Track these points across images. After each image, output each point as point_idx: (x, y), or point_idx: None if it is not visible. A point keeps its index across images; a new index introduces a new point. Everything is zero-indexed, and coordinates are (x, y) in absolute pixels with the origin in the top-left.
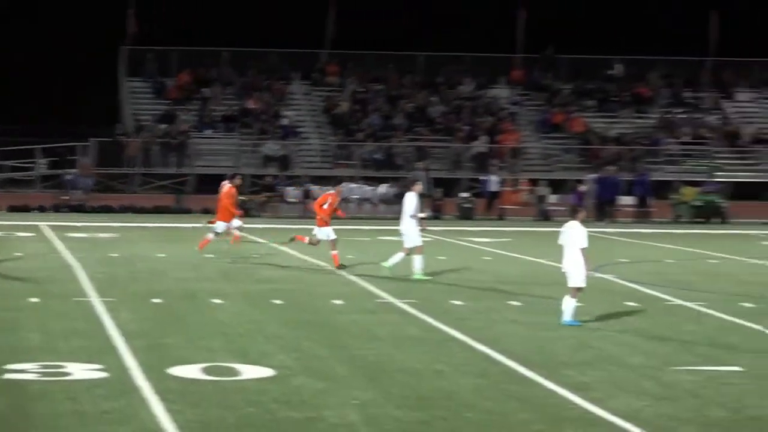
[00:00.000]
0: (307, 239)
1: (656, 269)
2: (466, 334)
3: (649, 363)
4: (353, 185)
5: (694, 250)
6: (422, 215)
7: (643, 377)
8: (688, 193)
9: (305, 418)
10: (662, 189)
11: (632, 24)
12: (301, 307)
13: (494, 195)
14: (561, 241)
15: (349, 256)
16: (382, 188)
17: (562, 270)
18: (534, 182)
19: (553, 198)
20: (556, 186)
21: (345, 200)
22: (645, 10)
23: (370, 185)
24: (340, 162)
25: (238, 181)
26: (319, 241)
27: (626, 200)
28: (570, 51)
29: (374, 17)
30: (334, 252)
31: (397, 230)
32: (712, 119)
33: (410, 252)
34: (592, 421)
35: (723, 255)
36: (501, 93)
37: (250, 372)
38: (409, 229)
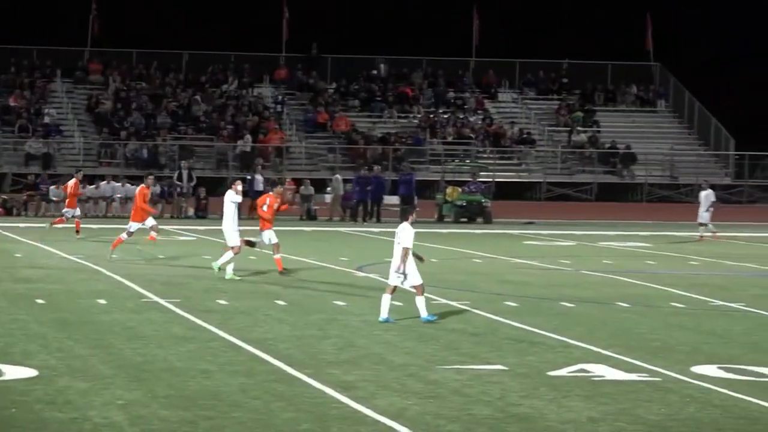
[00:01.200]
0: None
1: (422, 268)
2: (232, 333)
3: (414, 362)
4: (116, 184)
5: (459, 250)
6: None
7: (409, 376)
8: (452, 193)
9: (70, 419)
10: (426, 189)
11: (395, 24)
12: (63, 306)
13: (259, 194)
14: (404, 243)
15: (114, 256)
16: None
17: (396, 272)
18: (299, 181)
19: (317, 197)
20: (320, 185)
21: (104, 199)
22: (408, 10)
23: (134, 184)
24: (104, 160)
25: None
26: (265, 245)
27: (391, 199)
28: (334, 51)
29: (137, 15)
30: (277, 257)
31: (164, 229)
32: (475, 119)
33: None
34: (359, 420)
35: (487, 254)
36: (265, 92)
37: (13, 372)
38: (229, 227)
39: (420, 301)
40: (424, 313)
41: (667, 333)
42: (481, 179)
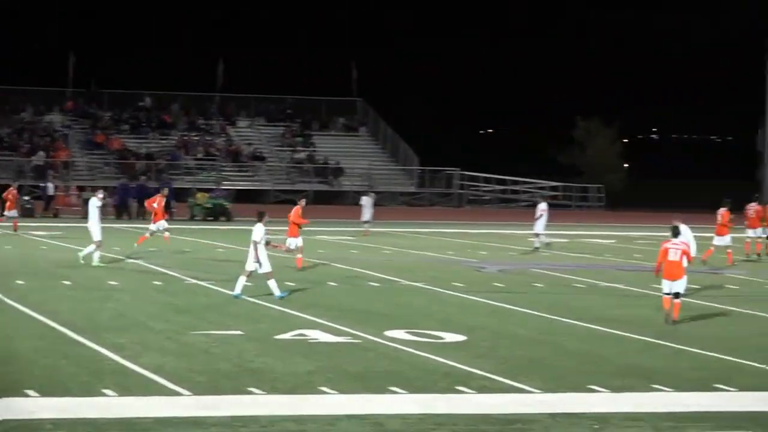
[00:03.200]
0: (283, 247)
1: (178, 256)
2: (28, 306)
3: (171, 328)
4: None
5: (207, 242)
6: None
7: (167, 339)
8: (201, 197)
9: None
10: (182, 194)
11: (159, 66)
12: None
13: (51, 198)
14: (253, 237)
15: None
16: None
17: (253, 261)
18: (82, 188)
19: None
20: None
21: None
22: (163, 52)
23: None
24: None
25: (304, 202)
26: (291, 249)
27: None
28: (110, 87)
29: None
30: (299, 257)
31: None
32: (219, 141)
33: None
34: (127, 374)
35: (228, 245)
36: (55, 118)
37: None
38: (94, 226)
39: (272, 283)
40: (277, 292)
41: (366, 305)
42: (223, 187)
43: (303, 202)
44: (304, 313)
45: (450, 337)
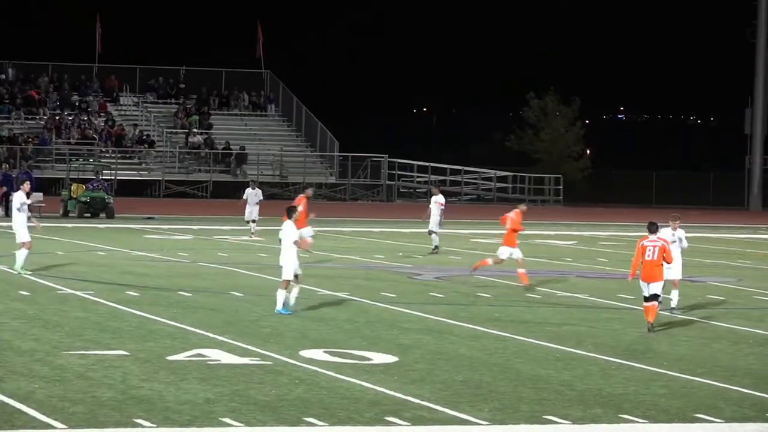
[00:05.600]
0: (490, 261)
1: (48, 260)
2: None
3: (40, 348)
4: None
5: (84, 243)
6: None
7: (35, 361)
8: (77, 190)
9: None
10: (53, 185)
11: (22, 28)
12: None
13: None
14: (280, 236)
15: None
16: None
17: (280, 264)
18: None
19: None
20: None
21: None
22: (29, 13)
23: None
24: None
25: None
26: (502, 261)
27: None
28: None
29: None
30: (521, 270)
31: None
32: (98, 122)
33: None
34: None
35: (110, 247)
36: None
37: None
38: (20, 225)
39: (280, 293)
40: (279, 306)
41: (277, 319)
42: (103, 177)
43: (524, 207)
44: (202, 329)
45: (378, 357)
